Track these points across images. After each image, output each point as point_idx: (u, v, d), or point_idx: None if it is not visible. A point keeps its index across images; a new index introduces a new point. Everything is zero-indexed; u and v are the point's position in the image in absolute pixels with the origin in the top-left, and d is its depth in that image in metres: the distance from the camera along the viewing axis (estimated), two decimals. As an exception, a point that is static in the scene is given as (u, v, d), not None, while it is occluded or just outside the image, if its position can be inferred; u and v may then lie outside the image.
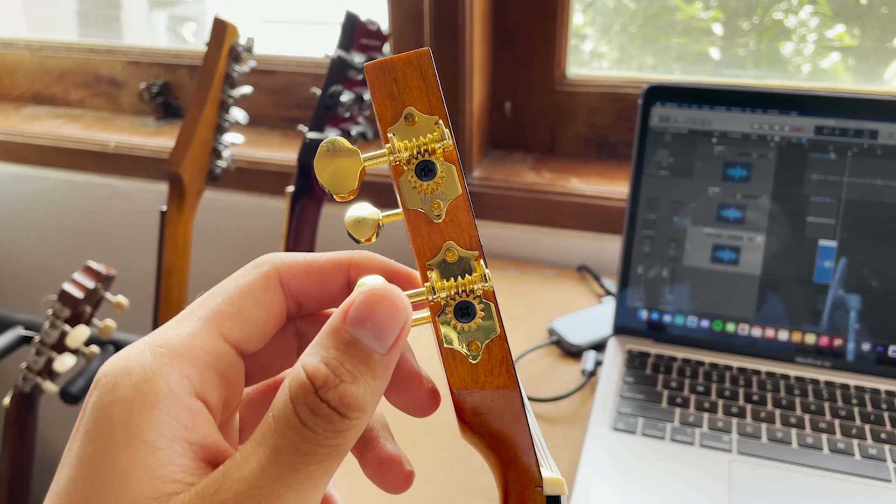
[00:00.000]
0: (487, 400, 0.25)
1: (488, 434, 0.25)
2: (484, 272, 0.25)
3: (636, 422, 0.64)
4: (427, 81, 0.25)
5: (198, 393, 0.23)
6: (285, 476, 0.21)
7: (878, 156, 0.68)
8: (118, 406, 0.21)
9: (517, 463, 0.25)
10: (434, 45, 0.92)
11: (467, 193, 0.25)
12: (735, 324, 0.72)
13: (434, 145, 0.25)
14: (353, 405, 0.22)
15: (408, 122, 0.25)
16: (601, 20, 1.09)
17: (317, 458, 0.21)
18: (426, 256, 0.25)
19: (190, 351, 0.23)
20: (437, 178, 0.25)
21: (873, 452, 0.61)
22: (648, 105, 0.73)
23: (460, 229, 0.25)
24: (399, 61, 0.25)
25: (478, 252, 0.25)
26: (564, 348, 0.79)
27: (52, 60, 1.27)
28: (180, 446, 0.21)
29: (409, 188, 0.25)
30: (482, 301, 0.25)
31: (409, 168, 0.25)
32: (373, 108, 0.29)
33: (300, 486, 0.21)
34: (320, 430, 0.21)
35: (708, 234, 0.72)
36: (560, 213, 0.96)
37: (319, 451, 0.21)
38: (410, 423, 0.69)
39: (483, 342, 0.25)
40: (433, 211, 0.25)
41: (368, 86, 0.25)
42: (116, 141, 1.13)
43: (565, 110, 1.03)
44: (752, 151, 0.71)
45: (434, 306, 0.25)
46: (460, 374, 0.25)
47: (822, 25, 1.01)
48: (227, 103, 0.82)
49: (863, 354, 0.70)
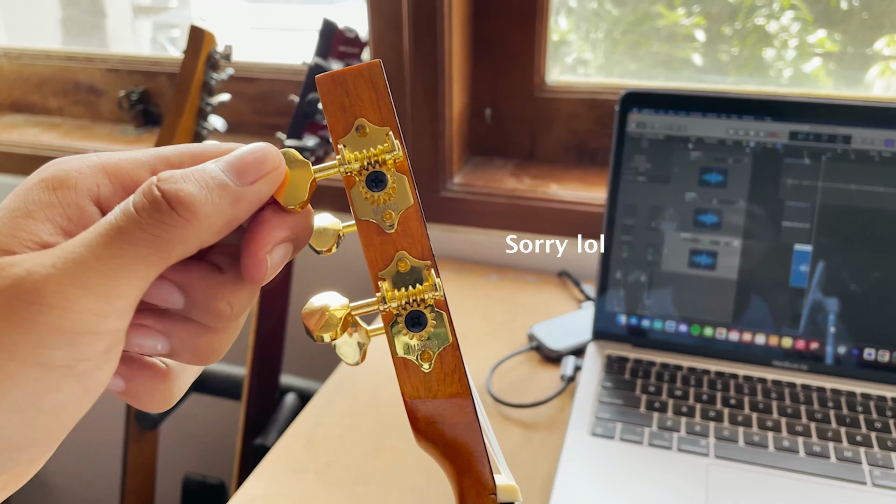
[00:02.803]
0: (440, 408, 0.26)
1: (442, 442, 0.26)
2: (435, 281, 0.25)
3: (614, 427, 0.65)
4: (378, 93, 0.25)
5: (100, 201, 0.24)
6: (97, 248, 0.21)
7: (852, 161, 0.69)
8: (35, 181, 0.23)
9: (472, 470, 0.26)
10: (414, 52, 0.92)
11: (419, 203, 0.26)
12: (713, 328, 0.73)
13: (385, 156, 0.25)
14: (185, 201, 0.22)
15: (359, 133, 0.25)
16: (585, 26, 1.10)
17: (133, 239, 0.22)
18: (378, 267, 0.26)
19: (116, 168, 0.25)
20: (388, 189, 0.25)
21: (849, 455, 0.61)
22: (625, 111, 0.73)
23: (412, 239, 0.25)
24: (350, 73, 0.25)
25: (430, 262, 0.25)
26: (544, 354, 0.79)
27: (31, 68, 1.26)
28: (52, 225, 0.23)
29: (360, 199, 0.25)
30: (434, 310, 0.25)
31: (360, 179, 0.25)
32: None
33: (109, 262, 0.21)
34: (145, 215, 0.22)
35: (685, 238, 0.73)
36: (540, 219, 0.96)
37: (137, 234, 0.22)
38: (390, 433, 0.69)
39: (435, 351, 0.25)
40: (385, 221, 0.25)
41: (320, 97, 0.26)
42: (95, 149, 1.13)
43: (545, 117, 1.04)
44: (728, 157, 0.71)
45: (386, 316, 0.25)
46: (413, 383, 0.25)
47: (803, 31, 1.02)
48: (206, 111, 0.82)
49: (840, 357, 0.70)
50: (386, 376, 0.77)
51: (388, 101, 0.25)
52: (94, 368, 0.22)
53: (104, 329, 0.21)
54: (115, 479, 1.21)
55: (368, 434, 0.69)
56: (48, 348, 0.20)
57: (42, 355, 0.20)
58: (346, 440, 0.68)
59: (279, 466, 0.65)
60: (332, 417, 0.71)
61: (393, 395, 0.74)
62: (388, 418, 0.71)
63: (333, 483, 0.63)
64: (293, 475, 0.64)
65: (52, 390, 0.21)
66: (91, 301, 0.21)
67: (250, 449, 0.93)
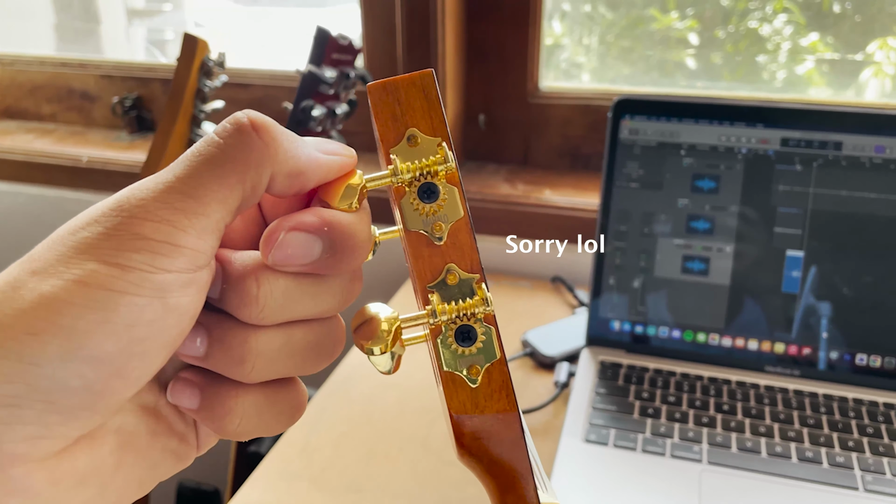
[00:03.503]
0: (487, 424, 0.25)
1: (487, 458, 0.25)
2: (486, 296, 0.25)
3: (608, 433, 0.65)
4: (430, 102, 0.25)
5: None
6: (179, 171, 0.23)
7: (843, 167, 0.69)
8: None
9: (516, 488, 0.25)
10: (407, 58, 0.92)
11: (469, 216, 0.25)
12: (706, 334, 0.73)
13: (437, 167, 0.25)
14: (268, 127, 0.24)
15: (410, 143, 0.25)
16: (578, 30, 1.10)
17: (212, 160, 0.23)
18: (427, 279, 0.25)
19: None
20: (440, 201, 0.25)
21: (841, 461, 0.61)
22: (618, 118, 0.73)
23: (462, 252, 0.25)
24: (402, 82, 0.25)
25: (479, 275, 0.25)
26: (538, 360, 0.79)
27: (24, 74, 1.26)
28: None
29: (410, 210, 0.25)
30: (483, 325, 0.25)
31: (411, 190, 0.25)
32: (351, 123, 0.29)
33: (188, 181, 0.23)
34: (226, 136, 0.23)
35: (678, 244, 0.73)
36: (534, 225, 0.96)
37: (217, 156, 0.23)
38: (385, 440, 0.69)
39: (483, 366, 0.25)
40: (435, 233, 0.25)
41: (371, 106, 0.25)
42: (89, 155, 1.12)
43: (539, 122, 1.04)
44: (720, 163, 0.71)
45: (434, 329, 0.25)
46: (460, 398, 0.25)
47: (795, 34, 1.02)
48: (199, 118, 0.82)
49: (832, 363, 0.70)
50: (380, 384, 0.77)
51: (439, 111, 0.25)
52: (175, 284, 0.22)
53: (183, 243, 0.22)
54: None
55: (363, 441, 0.69)
56: (128, 251, 0.21)
57: (121, 256, 0.21)
58: (340, 447, 0.68)
59: (273, 473, 0.65)
60: (327, 424, 0.71)
61: (387, 402, 0.74)
62: (382, 425, 0.71)
63: (328, 490, 0.63)
64: (287, 482, 0.64)
65: (129, 291, 0.21)
66: (169, 213, 0.22)
67: (244, 456, 0.93)
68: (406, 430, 0.70)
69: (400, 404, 0.73)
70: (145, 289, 0.21)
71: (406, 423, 0.71)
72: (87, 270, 0.21)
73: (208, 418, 0.26)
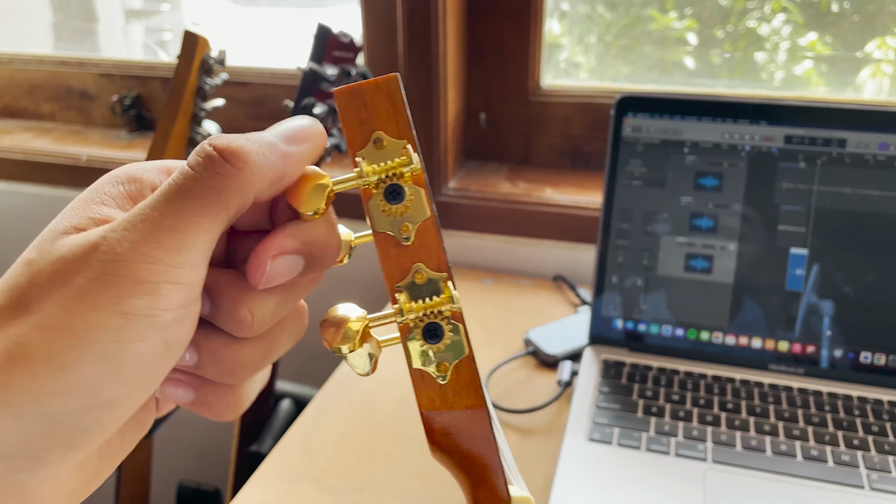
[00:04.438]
0: (456, 420, 0.26)
1: (458, 454, 0.26)
2: (452, 294, 0.25)
3: (612, 432, 0.64)
4: (395, 106, 0.26)
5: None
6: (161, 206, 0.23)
7: (847, 164, 0.69)
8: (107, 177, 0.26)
9: (486, 482, 0.26)
10: (408, 57, 0.92)
11: (435, 216, 0.26)
12: (709, 332, 0.73)
13: (402, 169, 0.25)
14: (236, 151, 0.24)
15: (376, 146, 0.26)
16: (578, 30, 1.10)
17: (191, 193, 0.23)
18: (395, 279, 0.26)
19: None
20: (406, 202, 0.26)
21: (846, 459, 0.61)
22: (620, 116, 0.73)
23: (429, 252, 0.26)
24: (368, 87, 0.25)
25: (446, 274, 0.26)
26: (540, 359, 0.79)
27: (23, 73, 1.25)
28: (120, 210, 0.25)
29: (378, 211, 0.26)
30: (450, 322, 0.25)
31: (377, 192, 0.26)
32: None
33: (172, 217, 0.23)
34: (200, 169, 0.24)
35: (681, 243, 0.73)
36: (536, 224, 0.96)
37: (195, 188, 0.23)
38: (386, 440, 0.69)
39: (452, 363, 0.25)
40: (402, 234, 0.26)
41: (338, 111, 0.26)
42: (88, 154, 1.12)
43: (540, 121, 1.04)
44: (723, 161, 0.71)
45: (403, 328, 0.26)
46: (429, 394, 0.26)
47: (794, 33, 1.02)
48: (199, 116, 0.82)
49: (836, 361, 0.70)
50: (381, 383, 0.76)
51: (405, 115, 0.26)
52: (174, 321, 0.23)
53: (180, 280, 0.23)
54: (109, 487, 1.20)
55: (364, 441, 0.68)
56: (129, 297, 0.22)
57: (124, 304, 0.22)
58: (341, 447, 0.68)
59: (274, 474, 0.65)
60: (328, 424, 0.71)
61: (388, 401, 0.74)
62: (383, 425, 0.70)
63: (329, 490, 0.63)
64: (288, 482, 0.64)
65: (135, 339, 0.22)
66: (163, 252, 0.22)
67: (245, 456, 0.93)
68: (407, 430, 0.70)
69: (401, 404, 0.73)
70: (149, 333, 0.22)
71: (407, 423, 0.71)
72: (93, 324, 0.22)
73: (205, 410, 0.28)
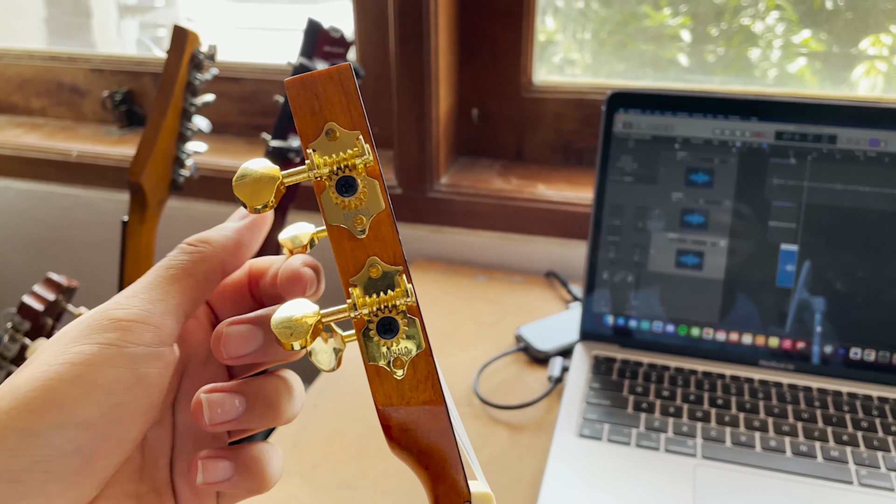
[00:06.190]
0: (414, 416, 0.25)
1: (416, 449, 0.25)
2: (406, 287, 0.25)
3: (602, 428, 0.64)
4: (349, 97, 0.25)
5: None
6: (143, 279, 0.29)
7: (837, 160, 0.69)
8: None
9: (446, 477, 0.25)
10: (399, 52, 0.92)
11: (391, 208, 0.25)
12: (700, 328, 0.73)
13: (355, 160, 0.25)
14: (196, 240, 0.31)
15: (329, 137, 0.25)
16: (572, 26, 1.09)
17: (165, 268, 0.30)
18: (350, 273, 0.25)
19: None
20: (359, 194, 0.25)
21: (835, 455, 0.61)
22: (612, 112, 0.73)
23: (384, 244, 0.25)
24: (320, 77, 0.25)
25: (402, 267, 0.25)
26: (532, 355, 0.78)
27: (13, 68, 1.24)
28: None
29: (331, 204, 0.25)
30: (406, 316, 0.25)
31: (330, 184, 0.25)
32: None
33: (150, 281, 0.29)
34: (177, 251, 0.30)
35: (672, 239, 0.73)
36: (528, 220, 0.96)
37: (176, 262, 0.30)
38: (376, 436, 0.68)
39: (408, 358, 0.25)
40: (356, 227, 0.25)
41: (289, 101, 0.25)
42: (79, 150, 1.11)
43: (532, 117, 1.03)
44: (714, 157, 0.71)
45: (358, 323, 0.25)
46: (385, 390, 0.25)
47: (788, 31, 1.02)
48: (190, 112, 0.81)
49: (826, 357, 0.70)
50: (372, 378, 0.76)
51: (358, 105, 0.25)
52: (146, 356, 0.27)
53: (151, 322, 0.27)
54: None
55: (354, 437, 0.68)
56: (103, 331, 0.27)
57: (99, 337, 0.26)
58: (331, 444, 0.67)
59: (264, 470, 0.64)
60: (318, 421, 0.70)
61: (379, 397, 0.73)
62: (374, 421, 0.70)
63: (319, 487, 0.63)
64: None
65: (105, 364, 0.26)
66: (137, 301, 0.28)
67: (236, 452, 0.92)
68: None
69: (392, 400, 0.73)
70: (118, 361, 0.26)
71: (399, 418, 0.70)
72: (72, 353, 0.26)
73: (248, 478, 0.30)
